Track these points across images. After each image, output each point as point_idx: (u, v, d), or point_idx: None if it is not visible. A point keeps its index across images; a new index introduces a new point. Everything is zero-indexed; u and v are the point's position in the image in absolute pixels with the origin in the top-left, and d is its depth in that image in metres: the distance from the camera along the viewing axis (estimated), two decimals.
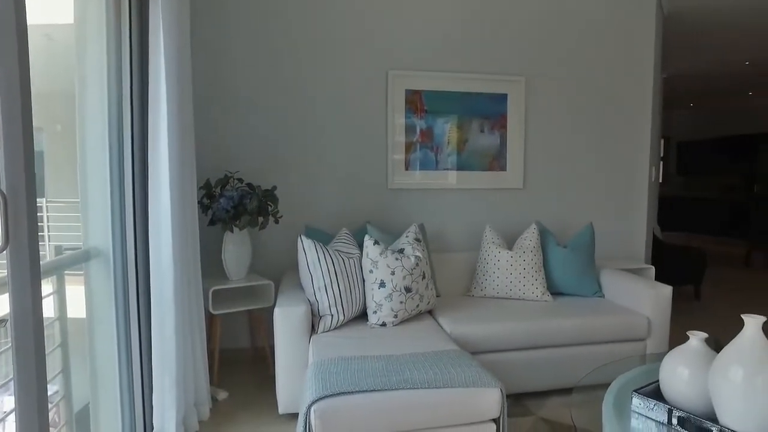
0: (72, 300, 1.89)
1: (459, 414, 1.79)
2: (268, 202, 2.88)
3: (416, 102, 3.32)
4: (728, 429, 1.39)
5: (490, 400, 1.79)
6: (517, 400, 2.68)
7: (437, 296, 3.05)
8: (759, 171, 8.82)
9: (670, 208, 10.10)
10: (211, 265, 3.08)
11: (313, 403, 1.71)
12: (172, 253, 2.07)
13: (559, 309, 2.79)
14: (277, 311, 2.32)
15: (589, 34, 3.63)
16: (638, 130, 3.80)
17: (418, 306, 2.57)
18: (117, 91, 2.03)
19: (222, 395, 2.66)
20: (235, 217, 2.75)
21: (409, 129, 3.33)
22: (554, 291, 3.08)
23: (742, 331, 1.42)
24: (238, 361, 3.20)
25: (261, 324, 2.99)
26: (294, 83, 3.19)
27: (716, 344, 1.58)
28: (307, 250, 2.46)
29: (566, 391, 2.73)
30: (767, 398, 1.33)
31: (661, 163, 10.61)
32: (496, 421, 1.85)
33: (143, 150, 2.12)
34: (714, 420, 1.45)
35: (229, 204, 2.72)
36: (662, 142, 10.55)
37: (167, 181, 2.05)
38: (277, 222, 2.95)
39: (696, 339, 1.60)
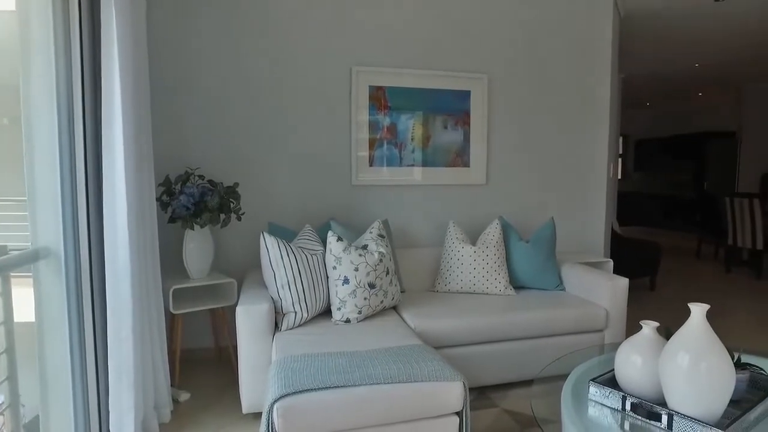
0: (20, 303, 1.81)
1: (422, 408, 1.80)
2: (230, 199, 2.83)
3: (380, 98, 3.32)
4: (675, 412, 1.45)
5: (452, 393, 1.81)
6: (481, 393, 2.72)
7: (402, 292, 3.07)
8: (708, 168, 9.23)
9: (629, 204, 10.46)
10: (171, 263, 3.01)
11: (275, 401, 1.69)
12: (129, 252, 2.00)
13: (522, 302, 2.85)
14: (239, 309, 2.28)
15: (549, 34, 3.71)
16: (597, 128, 3.91)
17: (382, 302, 2.57)
18: (66, 82, 1.94)
19: (184, 396, 2.60)
20: (196, 214, 2.69)
21: (373, 125, 3.33)
22: (517, 285, 3.15)
23: (689, 319, 1.48)
24: (201, 361, 3.14)
25: (224, 323, 2.94)
26: (256, 78, 3.14)
27: (667, 332, 1.64)
28: (270, 248, 2.43)
29: (529, 382, 2.78)
30: (710, 382, 1.40)
31: (620, 160, 10.96)
32: (459, 414, 1.87)
33: (97, 144, 2.04)
34: (664, 404, 1.51)
35: (190, 201, 2.66)
36: (621, 140, 10.91)
37: (123, 177, 1.98)
38: (239, 219, 2.90)
39: (648, 328, 1.66)
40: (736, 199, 5.87)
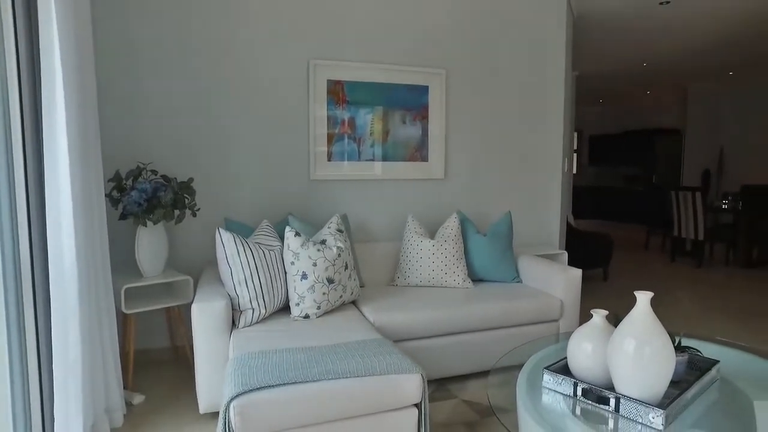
0: None
1: (381, 401, 1.81)
2: (185, 195, 2.76)
3: (338, 92, 3.30)
4: (622, 395, 1.52)
5: (411, 385, 1.83)
6: (440, 385, 2.76)
7: (361, 286, 3.07)
8: (657, 163, 9.65)
9: (584, 197, 10.82)
10: (123, 261, 2.91)
11: (232, 399, 1.67)
12: (75, 251, 1.92)
13: (480, 295, 2.90)
14: (194, 307, 2.23)
15: (505, 32, 3.78)
16: (552, 124, 4.01)
17: (341, 297, 2.56)
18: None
19: (138, 399, 2.52)
20: (149, 210, 2.60)
21: (331, 120, 3.30)
22: (475, 278, 3.20)
23: (635, 306, 1.55)
24: (157, 362, 3.05)
25: (180, 322, 2.86)
26: (211, 70, 3.06)
27: (616, 320, 1.71)
28: (226, 243, 2.38)
29: (487, 373, 2.84)
30: (654, 366, 1.46)
31: (575, 155, 11.31)
32: (417, 405, 1.89)
33: (37, 138, 1.94)
34: (612, 389, 1.57)
35: (142, 197, 2.57)
36: (576, 135, 11.25)
37: (67, 173, 1.89)
38: (194, 215, 2.82)
39: (598, 316, 1.73)
40: (681, 193, 6.16)
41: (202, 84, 3.05)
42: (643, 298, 1.54)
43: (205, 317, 2.23)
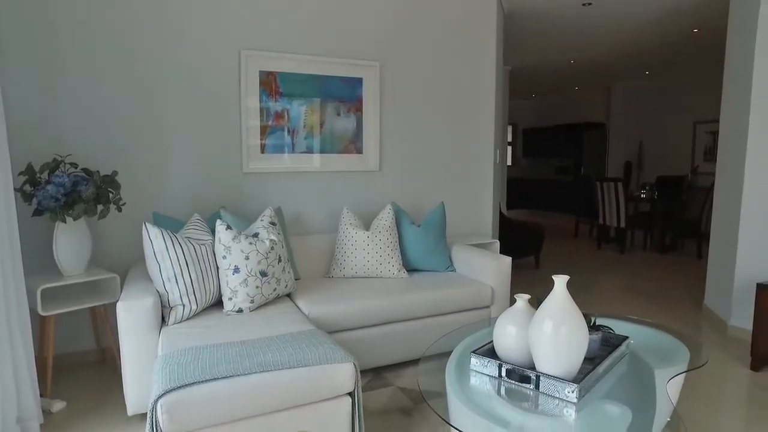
0: None
1: (314, 391, 1.82)
2: (109, 189, 2.63)
3: (271, 84, 3.24)
4: (542, 373, 1.61)
5: (344, 375, 1.85)
6: (377, 374, 2.80)
7: (297, 279, 3.06)
8: (585, 155, 10.18)
9: (518, 188, 11.26)
10: (40, 260, 2.74)
11: (159, 397, 1.62)
12: None
13: (414, 284, 2.96)
14: (120, 305, 2.13)
15: (437, 26, 3.85)
16: (484, 117, 4.14)
17: (275, 290, 2.54)
18: None
19: (57, 406, 2.38)
20: (69, 205, 2.46)
21: (264, 111, 3.25)
22: (410, 268, 3.27)
23: (553, 289, 1.64)
24: (82, 365, 2.90)
25: (106, 322, 2.73)
26: (138, 58, 2.92)
27: (538, 303, 1.80)
28: (154, 239, 2.30)
29: (425, 360, 2.92)
30: (570, 344, 1.56)
31: (510, 147, 11.73)
32: (351, 394, 1.92)
33: None
34: (533, 368, 1.67)
35: (59, 191, 2.42)
36: (510, 128, 11.66)
37: None
38: (120, 210, 2.70)
39: (521, 301, 1.81)
40: (605, 183, 6.55)
41: (128, 73, 2.90)
42: (560, 281, 1.63)
43: (131, 316, 2.14)
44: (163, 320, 2.32)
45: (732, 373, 2.86)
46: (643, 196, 6.96)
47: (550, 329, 1.58)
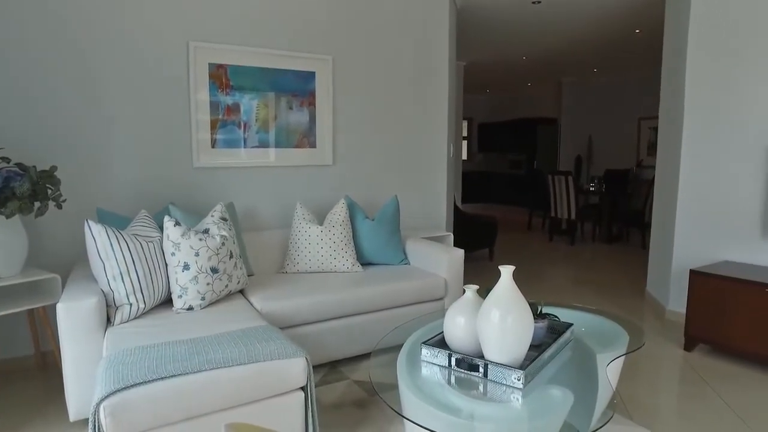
0: None
1: (266, 387, 1.80)
2: (47, 185, 2.50)
3: (221, 77, 3.17)
4: (490, 361, 1.66)
5: (295, 369, 1.84)
6: (333, 368, 2.81)
7: (250, 275, 3.01)
8: (538, 149, 10.48)
9: (474, 182, 11.47)
10: None
11: (101, 400, 1.56)
12: None
13: (368, 278, 2.98)
14: (59, 307, 2.04)
15: (390, 20, 3.86)
16: (437, 111, 4.19)
17: (227, 286, 2.50)
18: None
19: None
20: (1, 203, 2.33)
21: (215, 105, 3.17)
22: (364, 262, 3.28)
23: (499, 279, 1.69)
24: (19, 372, 2.76)
25: (46, 324, 2.61)
26: (80, 48, 2.78)
27: (487, 293, 1.84)
28: (97, 236, 2.21)
29: (376, 353, 2.94)
30: (516, 333, 1.62)
31: (465, 141, 11.92)
32: (303, 389, 1.91)
33: None
34: (482, 356, 1.71)
35: None
36: (466, 123, 11.85)
37: None
38: (59, 207, 2.57)
39: (470, 291, 1.85)
40: (556, 177, 6.77)
41: (70, 63, 2.77)
42: (506, 271, 1.68)
43: (73, 317, 2.06)
44: (109, 320, 2.24)
45: (668, 354, 3.03)
46: (592, 189, 7.23)
47: (497, 318, 1.62)
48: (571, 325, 2.03)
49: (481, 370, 1.68)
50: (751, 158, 3.20)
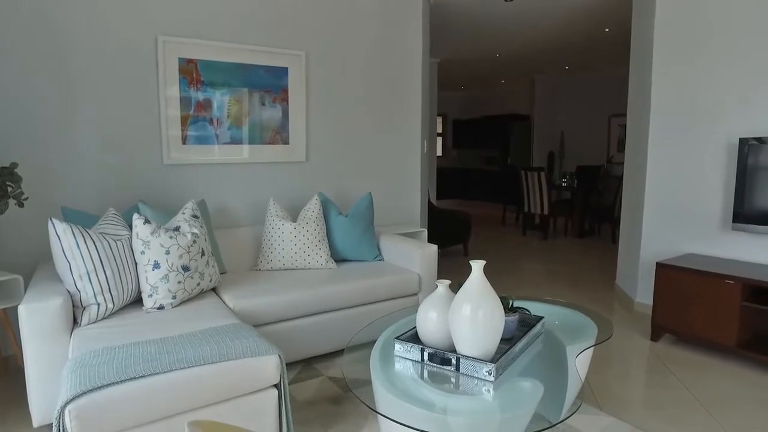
0: None
1: (239, 385, 1.79)
2: (8, 183, 2.42)
3: (192, 72, 3.11)
4: (462, 355, 1.68)
5: (268, 367, 1.83)
6: (307, 364, 2.80)
7: (223, 273, 2.98)
8: (512, 145, 10.61)
9: (448, 178, 11.53)
10: None
11: (66, 404, 1.52)
12: None
13: (342, 274, 2.97)
14: (21, 308, 1.98)
15: (364, 15, 3.85)
16: (411, 107, 4.21)
17: (199, 284, 2.46)
18: None
19: None
20: None
21: (185, 101, 3.11)
22: (338, 258, 3.27)
23: (470, 274, 1.71)
24: None
25: (7, 327, 2.53)
26: (44, 40, 2.69)
27: (459, 288, 1.86)
28: (62, 235, 2.15)
29: (351, 349, 2.94)
30: (487, 327, 1.64)
31: (440, 138, 11.98)
32: (277, 386, 1.90)
33: None
34: (454, 351, 1.73)
35: None
36: (441, 119, 11.91)
37: None
38: (21, 205, 2.49)
39: (442, 286, 1.87)
40: (529, 172, 6.87)
41: (33, 56, 2.67)
42: (477, 266, 1.70)
43: (36, 319, 1.99)
44: (76, 322, 2.18)
45: (635, 344, 3.12)
46: (564, 184, 7.36)
47: (468, 312, 1.64)
48: (542, 318, 2.07)
49: (454, 363, 1.70)
50: (713, 155, 3.31)
